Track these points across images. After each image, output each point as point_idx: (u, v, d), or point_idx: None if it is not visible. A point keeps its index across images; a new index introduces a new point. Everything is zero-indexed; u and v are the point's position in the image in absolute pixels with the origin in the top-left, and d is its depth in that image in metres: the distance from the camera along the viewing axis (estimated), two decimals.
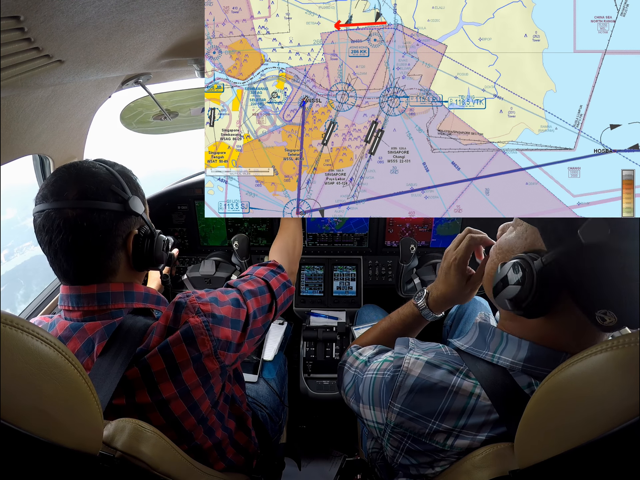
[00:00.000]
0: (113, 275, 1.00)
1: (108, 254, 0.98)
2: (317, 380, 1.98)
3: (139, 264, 1.04)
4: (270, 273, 1.25)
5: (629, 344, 0.54)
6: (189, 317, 0.96)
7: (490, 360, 0.87)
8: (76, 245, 0.92)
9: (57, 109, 1.35)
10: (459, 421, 0.84)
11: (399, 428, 0.90)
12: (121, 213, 0.98)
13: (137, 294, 1.04)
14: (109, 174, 1.00)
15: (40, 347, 0.59)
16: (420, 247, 2.27)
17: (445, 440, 0.85)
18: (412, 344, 1.01)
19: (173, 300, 1.00)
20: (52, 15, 0.75)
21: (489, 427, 0.82)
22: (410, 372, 0.90)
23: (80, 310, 0.97)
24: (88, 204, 0.93)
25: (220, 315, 1.00)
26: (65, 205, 0.91)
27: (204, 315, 0.98)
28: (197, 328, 0.96)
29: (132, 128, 2.29)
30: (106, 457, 0.75)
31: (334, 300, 2.24)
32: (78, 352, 0.95)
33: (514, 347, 0.86)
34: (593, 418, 0.55)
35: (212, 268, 2.11)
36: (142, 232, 1.04)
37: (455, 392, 0.85)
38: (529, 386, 0.82)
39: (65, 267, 0.95)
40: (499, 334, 0.90)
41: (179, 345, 0.94)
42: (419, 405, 0.87)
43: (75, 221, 0.91)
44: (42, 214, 0.92)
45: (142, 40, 1.07)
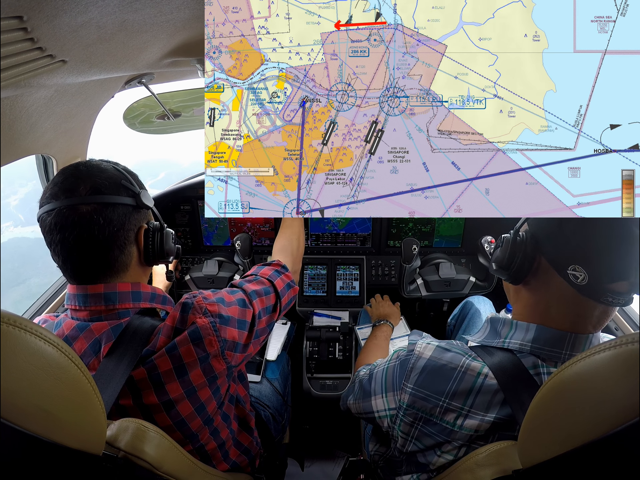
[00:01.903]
0: (125, 271, 1.00)
1: (121, 248, 0.98)
2: (320, 380, 1.98)
3: (150, 257, 1.05)
4: (274, 273, 1.25)
5: (632, 342, 0.54)
6: (196, 318, 0.96)
7: (502, 345, 0.92)
8: (91, 241, 0.92)
9: (60, 108, 1.36)
10: (467, 399, 0.88)
11: (411, 409, 0.95)
12: (133, 207, 0.99)
13: (144, 294, 1.03)
14: (117, 171, 1.00)
15: (43, 347, 0.59)
16: (423, 247, 2.27)
17: (455, 420, 0.89)
18: (425, 335, 1.08)
19: (180, 300, 1.00)
20: (55, 15, 0.75)
21: (496, 408, 0.86)
22: (422, 355, 0.95)
23: (87, 309, 0.97)
24: (102, 198, 0.93)
25: (227, 316, 1.00)
26: (78, 201, 0.91)
27: (211, 315, 0.97)
28: (205, 329, 0.96)
29: (135, 128, 2.30)
30: (109, 457, 0.75)
31: (337, 300, 2.24)
32: (85, 353, 0.95)
33: (522, 331, 0.91)
34: (596, 417, 0.55)
35: (215, 268, 2.12)
36: (151, 226, 1.05)
37: (463, 371, 0.89)
38: (534, 367, 0.87)
39: (78, 264, 0.94)
40: (509, 322, 0.95)
41: (187, 346, 0.94)
42: (430, 384, 0.92)
43: (90, 216, 0.91)
44: (54, 213, 0.91)
45: (145, 40, 1.07)
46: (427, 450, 0.94)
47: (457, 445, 0.89)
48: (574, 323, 0.85)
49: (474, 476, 0.79)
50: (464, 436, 0.88)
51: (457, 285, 2.08)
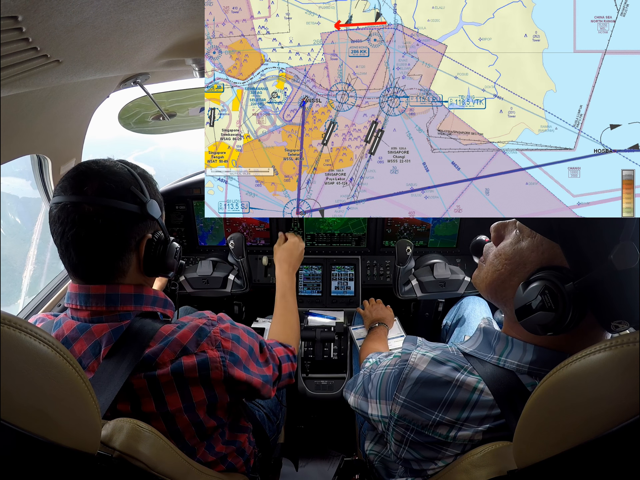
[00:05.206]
0: (122, 277, 1.00)
1: (119, 254, 0.97)
2: (315, 380, 1.99)
3: (149, 269, 1.04)
4: (286, 357, 1.30)
5: (628, 343, 0.54)
6: (208, 349, 0.97)
7: (497, 363, 0.88)
8: (88, 241, 0.92)
9: (55, 109, 1.35)
10: (461, 414, 0.85)
11: (402, 420, 0.92)
12: (138, 215, 0.98)
13: (147, 297, 1.03)
14: (130, 175, 0.99)
15: (39, 347, 0.59)
16: (418, 247, 2.27)
17: (447, 432, 0.86)
18: (419, 342, 1.04)
19: (196, 322, 1.00)
20: (50, 15, 0.75)
21: (490, 420, 0.84)
22: (416, 367, 0.92)
23: (88, 309, 0.97)
24: (106, 201, 0.93)
25: (238, 356, 1.02)
26: (83, 200, 0.91)
27: (222, 351, 0.99)
28: (214, 361, 0.97)
29: (130, 128, 2.29)
30: (104, 456, 0.75)
31: (332, 300, 2.25)
32: (84, 354, 0.94)
33: (519, 351, 0.86)
34: (592, 418, 0.55)
35: (210, 268, 2.12)
36: (156, 237, 1.03)
37: (459, 386, 0.86)
38: (532, 385, 0.83)
39: (75, 261, 0.94)
40: (504, 338, 0.90)
41: (193, 374, 0.95)
42: (423, 397, 0.89)
43: (91, 217, 0.91)
44: (59, 206, 0.92)
45: (140, 40, 1.07)
46: (422, 460, 0.92)
47: (452, 455, 0.87)
48: (578, 347, 0.80)
49: (469, 477, 0.79)
50: (457, 446, 0.86)
51: (452, 285, 2.09)
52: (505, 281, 0.88)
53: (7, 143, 1.22)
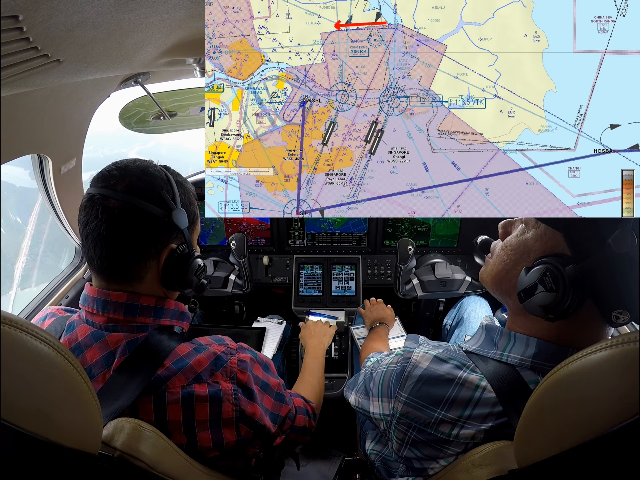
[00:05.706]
0: (139, 283, 0.96)
1: (136, 258, 0.94)
2: None
3: (167, 281, 0.99)
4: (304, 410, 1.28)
5: (629, 342, 0.54)
6: (222, 380, 0.94)
7: (499, 358, 0.88)
8: (108, 236, 0.90)
9: (56, 108, 1.35)
10: (464, 411, 0.85)
11: (404, 418, 0.92)
12: (161, 222, 0.94)
13: (167, 311, 1.01)
14: (165, 181, 0.97)
15: (40, 346, 0.59)
16: (419, 247, 2.27)
17: (450, 430, 0.86)
18: (421, 340, 1.05)
19: (214, 349, 0.97)
20: (51, 15, 0.75)
21: (493, 418, 0.84)
22: (419, 364, 0.92)
23: (105, 315, 0.94)
24: (132, 200, 0.90)
25: (252, 390, 0.98)
26: (110, 194, 0.90)
27: (236, 384, 0.95)
28: (226, 393, 0.94)
29: (131, 128, 2.29)
30: (105, 456, 0.75)
31: (332, 299, 2.24)
32: (96, 363, 0.92)
33: (522, 345, 0.87)
34: (592, 417, 0.55)
35: (210, 268, 2.12)
36: (180, 249, 0.99)
37: (461, 384, 0.86)
38: (535, 382, 0.84)
39: (91, 253, 0.92)
40: (506, 333, 0.91)
41: (203, 404, 0.92)
42: (426, 394, 0.89)
43: (113, 213, 0.89)
44: (88, 196, 0.91)
45: (140, 39, 1.07)
46: (423, 459, 0.92)
47: (453, 454, 0.87)
48: (581, 341, 0.82)
49: (470, 476, 0.78)
50: (459, 444, 0.86)
51: (453, 285, 2.09)
52: (509, 271, 0.90)
53: (7, 143, 1.22)
